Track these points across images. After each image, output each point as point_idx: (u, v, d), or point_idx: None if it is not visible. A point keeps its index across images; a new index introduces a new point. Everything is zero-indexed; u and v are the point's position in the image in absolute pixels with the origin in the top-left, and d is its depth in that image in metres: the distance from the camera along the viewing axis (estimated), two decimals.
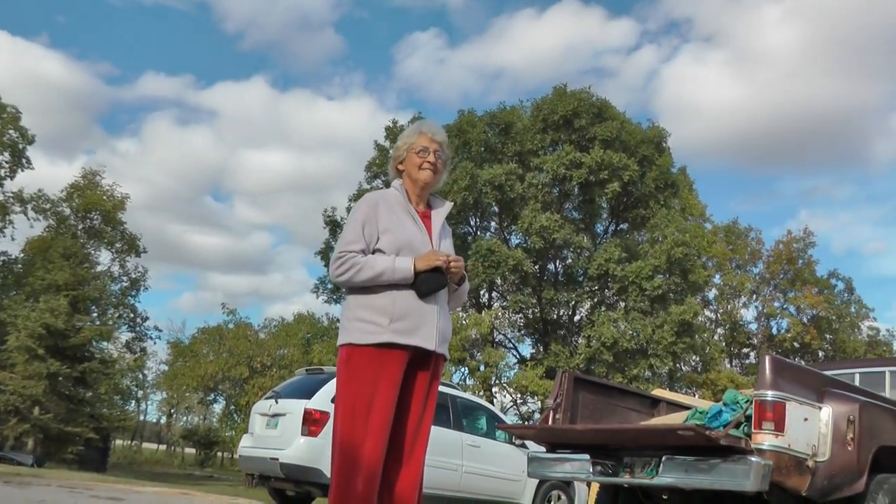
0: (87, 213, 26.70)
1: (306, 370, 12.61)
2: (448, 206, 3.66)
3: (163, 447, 54.99)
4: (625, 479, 5.85)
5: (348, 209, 27.97)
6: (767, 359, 5.28)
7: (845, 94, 66.05)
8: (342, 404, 3.26)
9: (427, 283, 3.33)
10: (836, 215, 72.67)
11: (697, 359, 29.59)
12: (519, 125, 24.54)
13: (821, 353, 38.60)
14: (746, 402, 5.46)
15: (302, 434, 10.64)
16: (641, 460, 5.76)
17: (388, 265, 3.28)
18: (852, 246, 71.52)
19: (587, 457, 6.12)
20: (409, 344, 3.28)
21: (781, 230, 71.44)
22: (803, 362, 39.21)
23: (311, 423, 10.54)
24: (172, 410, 45.15)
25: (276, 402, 11.44)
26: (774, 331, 38.44)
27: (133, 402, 38.59)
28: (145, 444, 55.57)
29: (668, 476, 5.46)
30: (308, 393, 10.84)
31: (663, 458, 5.50)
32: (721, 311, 37.79)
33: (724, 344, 36.68)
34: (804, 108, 68.00)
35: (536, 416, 26.11)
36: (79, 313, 20.11)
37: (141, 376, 38.74)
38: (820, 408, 5.34)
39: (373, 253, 3.36)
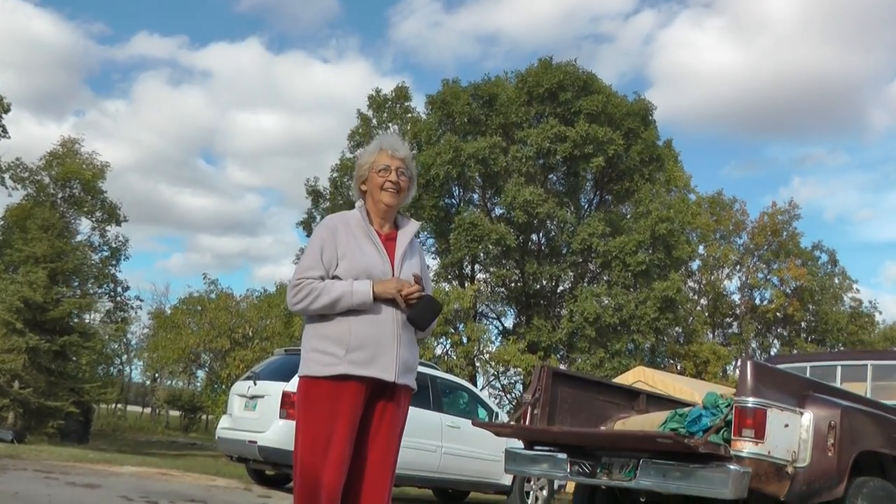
0: (67, 182, 26.34)
1: (285, 350, 12.51)
2: (415, 226, 3.49)
3: (148, 410, 55.12)
4: (602, 480, 5.81)
5: (331, 179, 27.74)
6: (749, 364, 5.22)
7: (842, 62, 66.15)
8: (301, 438, 3.17)
9: (421, 315, 3.22)
10: (829, 183, 73.22)
11: (679, 330, 29.67)
12: (503, 97, 24.28)
13: (803, 324, 38.84)
14: (727, 406, 5.40)
15: (280, 417, 10.58)
16: (619, 461, 5.71)
17: (346, 289, 3.14)
18: (843, 213, 72.12)
19: (564, 456, 6.07)
20: (366, 375, 3.14)
21: (774, 197, 71.71)
22: (785, 332, 39.51)
23: (290, 405, 10.45)
24: (156, 375, 45.12)
25: (255, 384, 11.36)
26: (758, 301, 38.61)
27: (115, 367, 38.52)
28: (130, 407, 55.59)
29: (645, 479, 5.42)
30: (286, 375, 10.72)
31: (641, 461, 5.45)
32: (704, 281, 37.87)
33: (706, 315, 36.81)
34: (800, 77, 68.13)
35: (519, 387, 26.20)
36: (57, 285, 19.87)
37: (125, 340, 38.68)
38: (801, 413, 5.29)
39: (331, 279, 3.21)
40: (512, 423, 6.81)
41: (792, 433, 5.21)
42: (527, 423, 6.65)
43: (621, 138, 23.47)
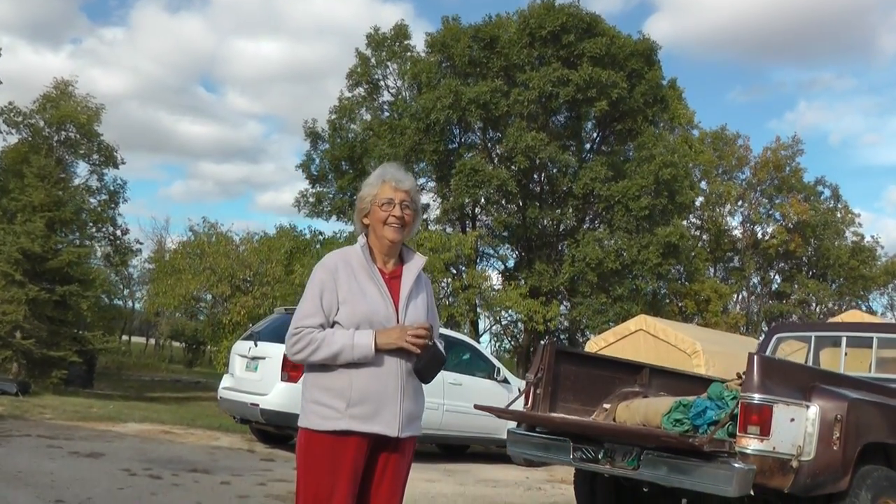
0: (62, 126, 26.01)
1: (285, 309, 12.42)
2: (421, 260, 3.30)
3: (152, 341, 55.58)
4: (605, 468, 5.78)
5: (329, 122, 27.36)
6: (756, 359, 5.12)
7: None
8: (302, 492, 3.07)
9: (427, 367, 3.09)
10: (835, 107, 72.71)
11: (681, 269, 29.63)
12: (504, 38, 23.76)
13: (805, 259, 38.85)
14: (732, 399, 5.34)
15: (282, 380, 10.59)
16: (623, 448, 5.68)
17: (347, 342, 2.99)
18: (848, 138, 71.82)
19: (568, 440, 6.03)
20: (369, 431, 3.03)
21: (779, 122, 71.37)
22: (787, 267, 39.49)
23: (291, 368, 10.46)
24: (159, 310, 45.35)
25: (256, 345, 11.32)
26: (760, 236, 38.53)
27: (117, 302, 38.65)
28: (134, 339, 56.06)
29: (648, 471, 5.39)
30: None
31: (644, 452, 5.41)
32: (706, 217, 37.72)
33: (708, 250, 36.76)
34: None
35: (520, 326, 26.30)
36: (56, 234, 19.78)
37: (126, 274, 38.80)
38: (807, 406, 5.21)
39: (332, 325, 3.07)
40: (514, 408, 6.73)
41: (798, 427, 5.14)
42: (530, 403, 6.63)
43: (625, 80, 23.03)
